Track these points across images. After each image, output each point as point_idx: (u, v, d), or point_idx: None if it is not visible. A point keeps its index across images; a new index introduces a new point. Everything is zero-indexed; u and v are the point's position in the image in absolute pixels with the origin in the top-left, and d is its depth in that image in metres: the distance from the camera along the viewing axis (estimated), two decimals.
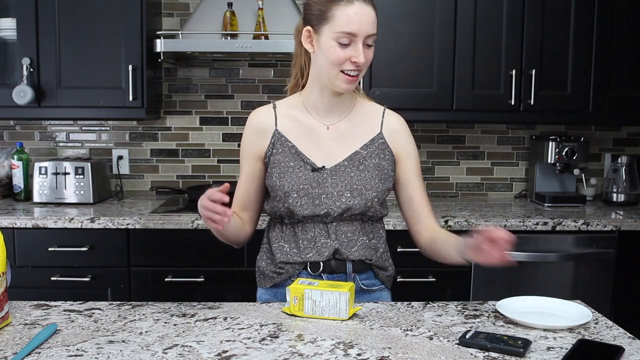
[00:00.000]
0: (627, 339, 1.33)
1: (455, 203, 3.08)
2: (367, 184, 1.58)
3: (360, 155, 1.60)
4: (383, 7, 2.80)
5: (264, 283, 1.66)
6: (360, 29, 1.47)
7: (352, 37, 1.48)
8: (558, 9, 2.82)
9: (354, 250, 1.59)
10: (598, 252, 2.64)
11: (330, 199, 1.56)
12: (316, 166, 1.58)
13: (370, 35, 1.49)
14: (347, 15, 1.47)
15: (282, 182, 1.57)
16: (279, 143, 1.60)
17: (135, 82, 2.77)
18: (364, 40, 1.49)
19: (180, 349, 1.24)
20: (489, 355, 1.23)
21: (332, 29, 1.48)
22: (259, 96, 3.17)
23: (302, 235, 1.59)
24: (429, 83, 2.83)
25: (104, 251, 2.57)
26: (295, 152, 1.59)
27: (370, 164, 1.60)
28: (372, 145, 1.62)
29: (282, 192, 1.57)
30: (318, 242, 1.58)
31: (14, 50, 2.87)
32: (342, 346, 1.26)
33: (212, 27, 2.85)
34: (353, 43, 1.48)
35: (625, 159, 3.08)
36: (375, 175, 1.59)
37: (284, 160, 1.59)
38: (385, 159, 1.62)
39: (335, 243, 1.58)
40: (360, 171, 1.59)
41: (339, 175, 1.58)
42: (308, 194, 1.56)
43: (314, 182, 1.57)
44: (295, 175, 1.57)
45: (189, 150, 3.21)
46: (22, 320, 1.39)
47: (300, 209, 1.56)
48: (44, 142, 3.19)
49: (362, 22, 1.47)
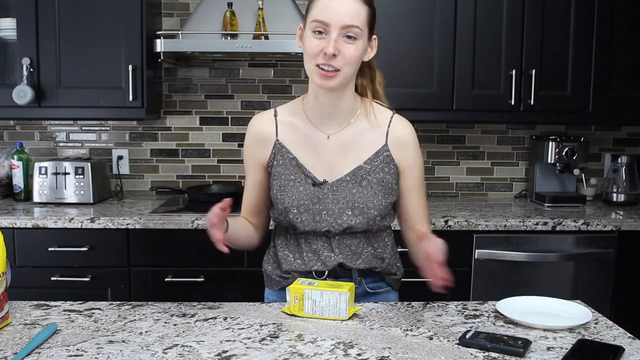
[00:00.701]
0: (627, 339, 1.33)
1: (455, 203, 3.08)
2: (370, 201, 1.52)
3: (364, 170, 1.54)
4: (383, 7, 2.80)
5: (272, 285, 1.66)
6: (334, 18, 1.39)
7: (326, 27, 1.41)
8: (558, 9, 2.82)
9: (359, 262, 1.57)
10: (598, 252, 2.64)
11: (332, 216, 1.53)
12: (317, 180, 1.54)
13: (346, 27, 1.40)
14: (323, 3, 1.42)
15: (283, 197, 1.54)
16: (280, 154, 1.56)
17: (135, 82, 2.76)
18: (341, 32, 1.40)
19: (180, 349, 1.24)
20: (489, 355, 1.23)
21: (310, 18, 1.44)
22: (259, 96, 3.17)
23: (306, 247, 1.57)
24: (429, 83, 2.83)
25: (104, 251, 2.57)
26: (296, 164, 1.55)
27: (373, 180, 1.54)
28: (377, 159, 1.55)
29: (283, 206, 1.54)
30: (322, 255, 1.56)
31: (14, 50, 2.87)
32: (342, 346, 1.26)
33: (212, 27, 2.85)
34: (327, 34, 1.41)
35: (625, 159, 3.08)
36: (379, 191, 1.54)
37: (285, 173, 1.55)
38: (390, 173, 1.56)
39: (340, 257, 1.56)
40: (362, 187, 1.53)
41: (340, 191, 1.53)
42: (308, 209, 1.53)
43: (315, 197, 1.53)
44: (295, 189, 1.54)
45: (189, 150, 3.21)
46: (22, 320, 1.39)
47: (301, 224, 1.54)
48: (44, 142, 3.19)
49: (336, 10, 1.40)
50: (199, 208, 2.76)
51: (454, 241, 2.59)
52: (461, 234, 2.61)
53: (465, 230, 2.60)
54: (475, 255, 2.61)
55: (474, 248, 2.61)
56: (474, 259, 2.61)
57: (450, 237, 2.61)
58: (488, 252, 2.60)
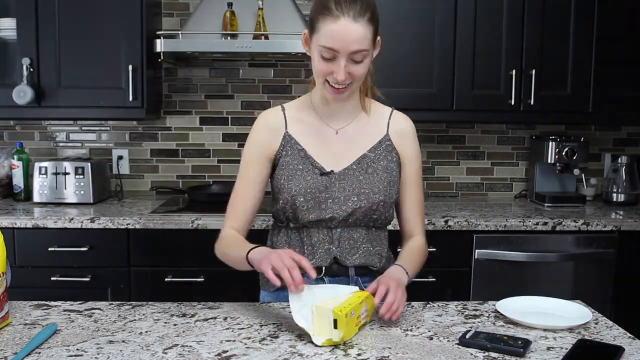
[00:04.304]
0: (627, 339, 1.33)
1: (455, 203, 3.08)
2: (375, 187, 1.57)
3: (369, 158, 1.60)
4: (383, 7, 2.79)
5: (268, 287, 1.66)
6: (342, 47, 1.42)
7: (335, 53, 1.43)
8: (558, 9, 2.82)
9: (355, 257, 1.59)
10: (598, 252, 2.64)
11: (337, 203, 1.55)
12: (325, 170, 1.57)
13: (355, 52, 1.43)
14: (330, 30, 1.42)
15: (290, 185, 1.56)
16: (289, 146, 1.59)
17: (135, 82, 2.76)
18: (349, 57, 1.44)
19: (180, 349, 1.24)
20: (489, 355, 1.23)
21: (317, 41, 1.45)
22: (259, 96, 3.17)
23: (307, 240, 1.59)
24: (429, 83, 2.83)
25: (104, 251, 2.57)
26: (305, 155, 1.58)
27: (379, 167, 1.59)
28: (380, 148, 1.61)
29: (290, 194, 1.55)
30: (321, 248, 1.58)
31: (14, 50, 2.87)
32: (342, 346, 1.26)
33: (212, 27, 2.85)
34: (335, 59, 1.44)
35: (625, 159, 3.08)
36: (385, 178, 1.59)
37: (293, 163, 1.58)
38: (393, 161, 1.62)
39: (337, 250, 1.57)
40: (369, 174, 1.58)
41: (347, 180, 1.57)
42: (315, 197, 1.55)
43: (322, 186, 1.56)
44: (303, 178, 1.56)
45: (189, 150, 3.21)
46: (22, 320, 1.39)
47: (306, 212, 1.55)
48: (44, 142, 3.19)
49: (344, 40, 1.41)
50: (199, 208, 2.76)
51: (454, 241, 2.62)
52: (461, 234, 2.61)
53: (465, 230, 2.60)
54: (475, 255, 2.61)
55: (474, 248, 2.61)
56: (474, 259, 2.61)
57: (450, 237, 2.65)
58: (488, 252, 2.60)
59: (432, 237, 2.59)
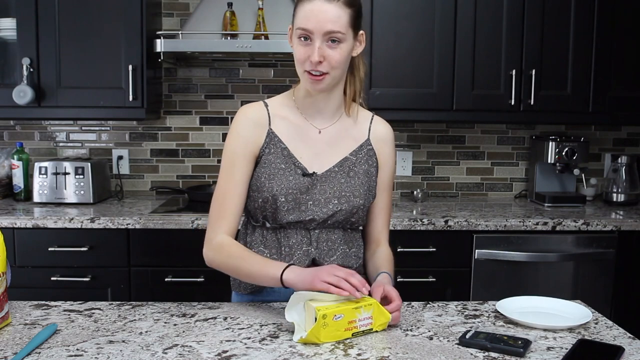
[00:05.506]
0: (627, 339, 1.33)
1: (455, 203, 3.08)
2: (356, 190, 1.56)
3: (350, 161, 1.59)
4: (383, 7, 2.80)
5: (240, 289, 1.64)
6: (315, 26, 1.43)
7: (309, 34, 1.44)
8: (558, 9, 2.82)
9: (333, 259, 1.57)
10: (598, 252, 2.64)
11: (317, 205, 1.54)
12: (307, 171, 1.55)
13: (329, 33, 1.43)
14: (304, 11, 1.46)
15: (272, 185, 1.52)
16: (272, 143, 1.56)
17: (135, 82, 2.77)
18: (324, 38, 1.44)
19: (180, 349, 1.24)
20: (489, 355, 1.23)
21: (294, 24, 1.49)
22: (259, 96, 3.17)
23: (285, 241, 1.56)
24: (429, 83, 2.83)
25: (104, 251, 2.57)
26: (287, 154, 1.55)
27: (360, 171, 1.59)
28: (361, 152, 1.61)
29: (270, 194, 1.52)
30: (300, 250, 1.56)
31: (14, 50, 2.87)
32: (342, 346, 1.26)
33: (212, 27, 2.85)
34: (311, 40, 1.45)
35: (625, 159, 3.08)
36: (365, 182, 1.59)
37: (275, 162, 1.55)
38: (373, 166, 1.62)
39: (316, 252, 1.56)
40: (350, 177, 1.57)
41: (329, 182, 1.56)
42: (295, 198, 1.53)
43: (303, 187, 1.54)
44: (285, 178, 1.53)
45: (189, 150, 3.21)
46: (22, 320, 1.39)
47: (285, 213, 1.53)
48: (44, 142, 3.19)
49: (318, 18, 1.43)
50: (199, 208, 2.76)
51: (454, 241, 2.62)
52: (461, 234, 2.61)
53: (465, 230, 2.60)
54: (475, 255, 2.61)
55: (474, 248, 2.61)
56: (474, 259, 2.61)
57: (450, 237, 2.65)
58: (488, 252, 2.60)
59: (432, 237, 2.62)
